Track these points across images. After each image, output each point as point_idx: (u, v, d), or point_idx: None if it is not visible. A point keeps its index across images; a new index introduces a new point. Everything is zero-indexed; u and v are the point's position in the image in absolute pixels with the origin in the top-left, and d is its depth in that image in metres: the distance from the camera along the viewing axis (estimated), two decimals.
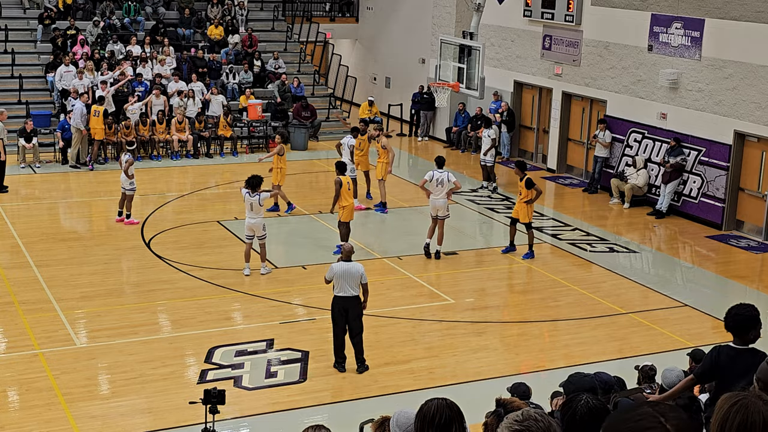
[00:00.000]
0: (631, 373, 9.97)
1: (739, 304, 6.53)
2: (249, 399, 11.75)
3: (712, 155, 19.99)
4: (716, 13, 19.81)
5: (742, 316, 6.37)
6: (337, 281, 12.30)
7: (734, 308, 6.46)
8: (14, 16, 27.90)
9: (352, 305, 12.37)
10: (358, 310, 12.42)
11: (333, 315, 12.45)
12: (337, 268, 12.33)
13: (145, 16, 29.16)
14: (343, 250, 12.71)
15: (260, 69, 28.36)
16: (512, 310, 15.16)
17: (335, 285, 12.35)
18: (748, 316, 6.37)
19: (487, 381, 12.29)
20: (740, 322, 6.37)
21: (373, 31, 32.18)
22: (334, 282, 12.34)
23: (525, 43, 25.18)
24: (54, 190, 20.55)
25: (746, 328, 6.36)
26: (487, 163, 22.27)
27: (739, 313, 6.39)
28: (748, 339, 6.38)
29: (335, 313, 12.41)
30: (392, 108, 29.88)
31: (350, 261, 12.43)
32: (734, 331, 6.41)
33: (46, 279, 15.60)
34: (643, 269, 17.94)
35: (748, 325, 6.36)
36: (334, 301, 12.40)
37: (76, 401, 11.43)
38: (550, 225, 20.35)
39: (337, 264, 12.43)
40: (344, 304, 12.34)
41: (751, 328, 6.37)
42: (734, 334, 6.42)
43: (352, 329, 12.49)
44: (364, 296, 12.50)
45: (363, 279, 12.37)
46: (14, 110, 25.04)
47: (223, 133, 25.24)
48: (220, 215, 19.57)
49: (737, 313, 6.39)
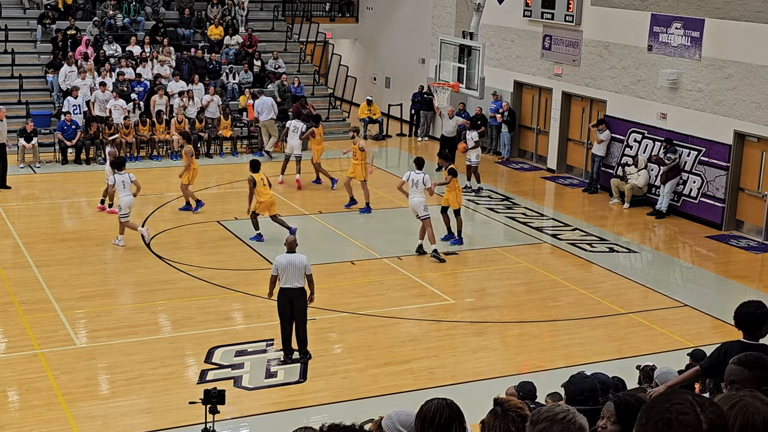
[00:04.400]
0: (630, 373, 9.97)
1: (749, 302, 6.57)
2: (249, 399, 11.75)
3: (712, 155, 19.99)
4: (716, 13, 19.81)
5: (752, 314, 6.42)
6: (282, 273, 12.52)
7: (743, 305, 6.52)
8: (14, 16, 27.90)
9: (297, 296, 12.56)
10: (302, 302, 12.62)
11: (279, 307, 12.66)
12: (281, 261, 12.55)
13: (145, 16, 29.16)
14: (286, 242, 12.83)
15: (260, 69, 28.36)
16: (512, 310, 15.16)
17: (281, 277, 12.57)
18: (759, 314, 6.42)
19: (487, 381, 12.29)
20: (750, 320, 6.42)
21: (373, 31, 32.18)
22: (279, 274, 12.55)
23: (525, 43, 25.18)
24: (54, 190, 20.55)
25: (754, 324, 6.42)
26: (472, 164, 22.27)
27: (748, 312, 6.44)
28: (756, 335, 6.43)
29: (280, 306, 12.63)
30: (392, 108, 29.88)
31: (294, 252, 12.61)
32: (744, 327, 6.46)
33: (46, 279, 15.60)
34: (643, 269, 17.93)
35: (758, 322, 6.41)
36: (280, 293, 12.62)
37: (76, 401, 11.43)
38: (550, 225, 20.36)
39: (281, 256, 12.63)
40: (289, 295, 12.55)
41: (760, 325, 6.42)
42: (744, 330, 6.47)
43: (297, 320, 12.68)
44: (310, 287, 12.67)
45: (307, 270, 12.60)
46: (14, 110, 25.05)
47: (223, 134, 25.25)
48: (220, 215, 19.56)
49: (745, 312, 6.44)
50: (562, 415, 3.37)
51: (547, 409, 3.42)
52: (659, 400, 2.41)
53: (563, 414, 3.37)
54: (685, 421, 2.33)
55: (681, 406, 2.35)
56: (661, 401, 2.39)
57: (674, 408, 2.35)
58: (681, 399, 2.38)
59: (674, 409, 2.35)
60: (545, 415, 3.37)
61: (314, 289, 12.79)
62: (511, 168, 25.16)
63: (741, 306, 6.52)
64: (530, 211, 21.10)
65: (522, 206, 21.43)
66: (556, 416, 3.35)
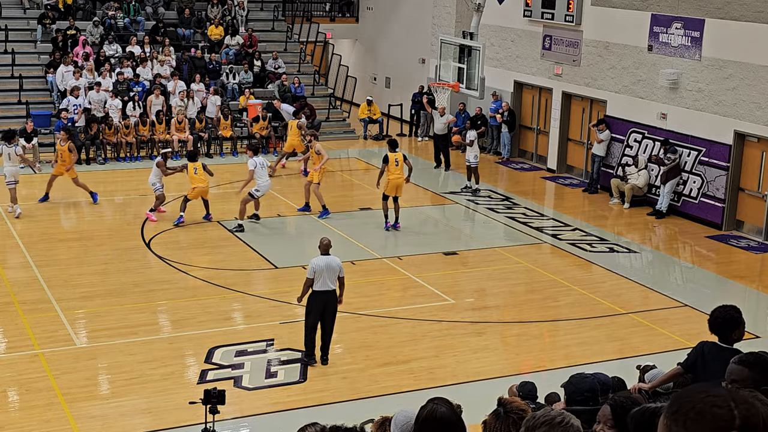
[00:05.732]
0: (630, 373, 9.96)
1: (721, 306, 6.94)
2: (249, 399, 11.75)
3: (712, 155, 19.99)
4: (716, 14, 19.81)
5: (721, 319, 6.78)
6: (318, 276, 12.30)
7: (716, 310, 6.88)
8: (14, 16, 27.91)
9: (331, 299, 12.46)
10: (334, 305, 12.52)
11: (311, 310, 12.44)
12: (319, 263, 12.33)
13: (145, 16, 29.16)
14: (321, 244, 12.66)
15: (260, 69, 28.37)
16: (512, 310, 15.15)
17: (316, 280, 12.34)
18: (727, 319, 6.77)
19: (488, 381, 12.29)
20: (719, 325, 6.79)
21: (373, 31, 32.19)
22: (315, 277, 12.33)
23: (525, 43, 25.18)
24: (54, 190, 20.52)
25: (724, 329, 6.76)
26: (471, 164, 22.26)
27: (717, 316, 6.81)
28: (728, 340, 6.76)
29: (315, 309, 12.41)
30: (392, 108, 29.88)
31: (328, 255, 12.46)
32: (716, 331, 6.81)
33: (46, 279, 15.60)
34: (643, 269, 17.93)
35: (727, 327, 6.76)
36: (314, 296, 12.39)
37: (76, 401, 11.43)
38: (551, 225, 20.36)
39: (318, 259, 12.42)
40: (325, 298, 12.38)
41: (730, 330, 6.75)
42: (717, 335, 6.81)
43: (326, 325, 12.54)
44: (340, 290, 12.56)
45: (341, 272, 12.45)
46: (14, 110, 25.07)
47: (223, 134, 25.26)
48: (220, 215, 19.56)
49: (716, 316, 6.82)
50: (559, 419, 3.37)
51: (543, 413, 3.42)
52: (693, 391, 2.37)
53: (560, 417, 3.38)
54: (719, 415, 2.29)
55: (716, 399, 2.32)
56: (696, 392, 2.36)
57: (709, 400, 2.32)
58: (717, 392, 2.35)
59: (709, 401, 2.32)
60: (542, 419, 3.36)
61: (344, 292, 12.67)
62: (511, 168, 25.16)
63: (713, 311, 6.88)
64: (530, 211, 21.10)
65: (522, 206, 21.43)
66: (554, 420, 3.34)
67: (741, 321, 6.83)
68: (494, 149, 26.21)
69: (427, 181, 23.41)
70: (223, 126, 25.33)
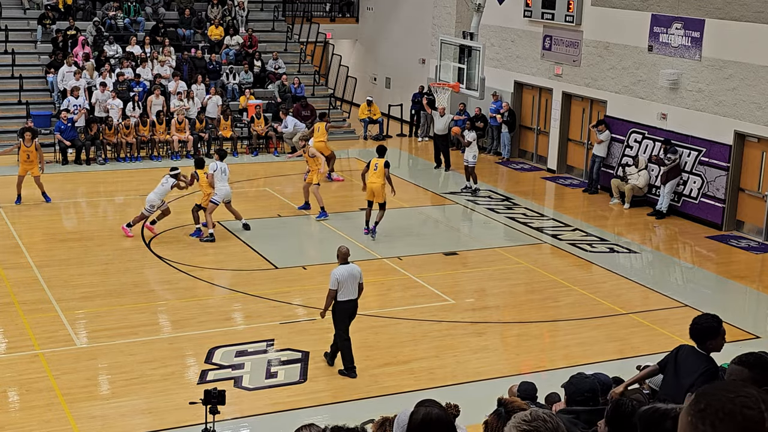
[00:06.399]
0: (630, 373, 9.93)
1: (704, 314, 7.14)
2: (249, 399, 11.75)
3: (712, 155, 19.99)
4: (716, 14, 19.81)
5: (700, 326, 6.96)
6: (342, 286, 12.05)
7: (697, 318, 7.07)
8: (14, 16, 27.92)
9: (355, 309, 12.31)
10: (355, 314, 12.38)
11: (343, 322, 12.16)
12: (342, 273, 12.05)
13: (145, 16, 29.17)
14: (340, 254, 12.43)
15: (260, 69, 28.37)
16: (512, 311, 15.16)
17: (340, 290, 12.08)
18: (705, 327, 6.94)
19: (488, 381, 12.29)
20: (697, 332, 6.97)
21: (373, 31, 32.19)
22: (339, 288, 12.07)
23: (525, 43, 25.19)
24: (54, 190, 20.54)
25: (702, 337, 6.94)
26: (469, 164, 22.24)
27: (697, 323, 6.99)
28: (705, 347, 6.95)
29: (344, 320, 12.15)
30: (392, 108, 29.89)
31: (347, 263, 12.33)
32: (694, 337, 7.01)
33: (46, 279, 15.60)
34: (644, 269, 17.93)
35: (704, 335, 6.93)
36: (342, 306, 12.11)
37: (77, 402, 11.43)
38: (551, 225, 20.36)
39: (340, 269, 12.13)
40: (350, 308, 12.17)
41: (707, 338, 6.92)
42: (695, 340, 7.01)
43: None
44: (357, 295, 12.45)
45: (361, 278, 12.29)
46: (14, 110, 25.07)
47: (223, 134, 25.26)
48: (220, 215, 19.55)
49: (695, 323, 6.99)
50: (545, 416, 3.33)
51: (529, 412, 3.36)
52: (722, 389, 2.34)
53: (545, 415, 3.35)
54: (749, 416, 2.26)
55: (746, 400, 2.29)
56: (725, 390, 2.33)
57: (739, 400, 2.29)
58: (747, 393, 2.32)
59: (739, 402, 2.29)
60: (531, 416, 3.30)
61: (359, 296, 12.43)
62: (511, 168, 25.16)
63: (695, 318, 7.06)
64: (530, 212, 21.10)
65: (522, 206, 21.43)
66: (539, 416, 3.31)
67: (720, 331, 6.96)
68: (494, 149, 26.21)
69: (427, 182, 23.42)
70: (223, 126, 25.34)
